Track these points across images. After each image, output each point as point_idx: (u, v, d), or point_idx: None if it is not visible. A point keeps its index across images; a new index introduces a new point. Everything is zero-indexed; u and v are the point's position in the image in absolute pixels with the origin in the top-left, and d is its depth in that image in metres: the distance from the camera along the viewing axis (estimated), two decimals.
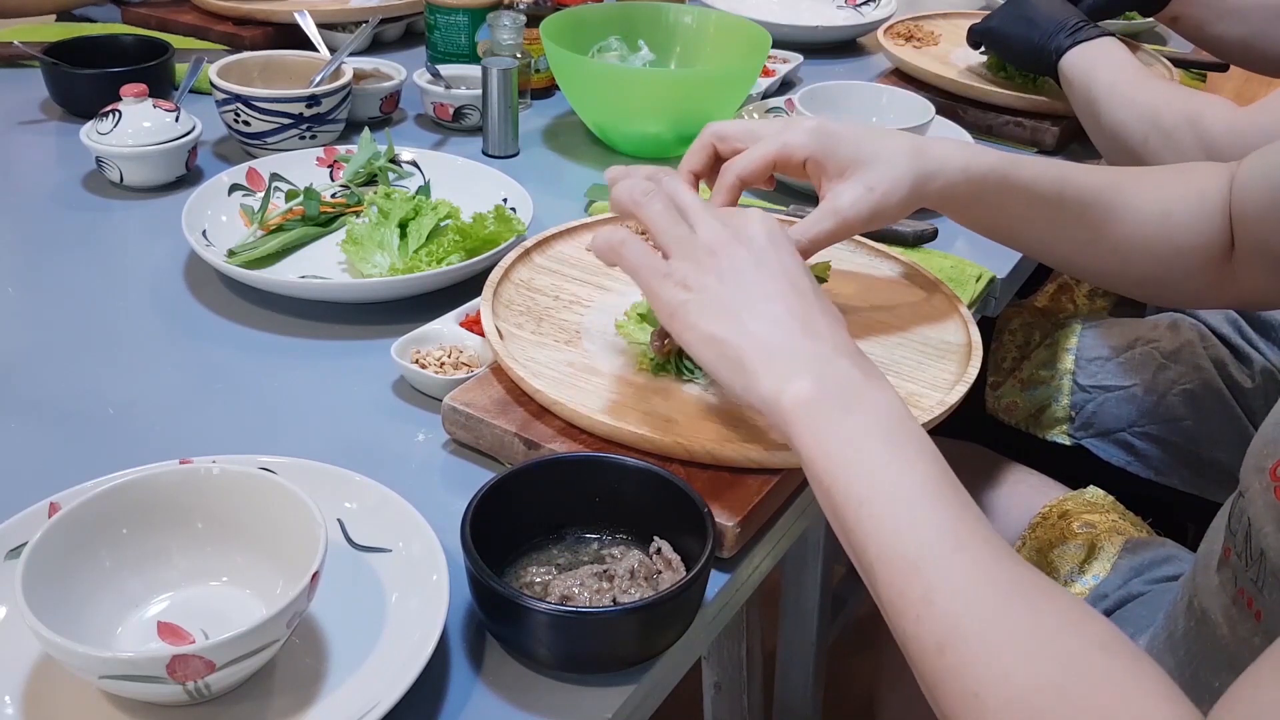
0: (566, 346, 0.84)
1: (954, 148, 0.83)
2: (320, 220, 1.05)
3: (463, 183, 1.11)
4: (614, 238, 0.72)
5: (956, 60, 1.53)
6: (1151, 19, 1.51)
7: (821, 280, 0.92)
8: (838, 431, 0.62)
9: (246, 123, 1.19)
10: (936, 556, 0.57)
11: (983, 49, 1.46)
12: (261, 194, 1.07)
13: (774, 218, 0.72)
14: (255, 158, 1.16)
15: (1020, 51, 1.33)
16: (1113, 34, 1.26)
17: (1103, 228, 0.87)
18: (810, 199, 1.15)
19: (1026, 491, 1.13)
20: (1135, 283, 0.93)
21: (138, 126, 1.11)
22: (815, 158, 0.81)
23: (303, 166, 1.13)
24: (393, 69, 1.36)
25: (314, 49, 1.35)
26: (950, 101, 1.40)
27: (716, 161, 0.86)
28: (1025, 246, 0.93)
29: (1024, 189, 0.84)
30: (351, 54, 1.33)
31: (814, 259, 0.95)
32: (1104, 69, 1.20)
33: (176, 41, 1.41)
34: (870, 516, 0.59)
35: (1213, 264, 0.88)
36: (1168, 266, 0.89)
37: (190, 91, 1.29)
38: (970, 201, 0.84)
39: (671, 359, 0.80)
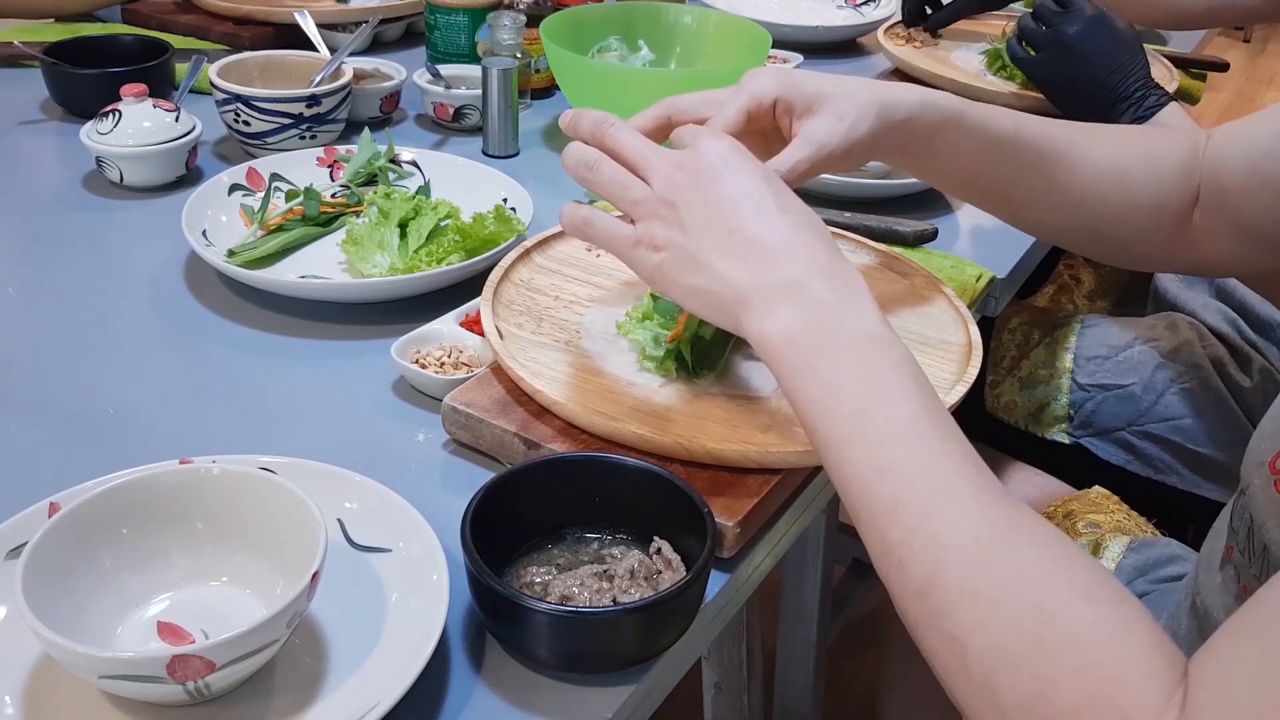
0: (566, 346, 0.84)
1: (908, 86, 0.84)
2: (320, 220, 1.05)
3: (463, 183, 1.11)
4: (579, 215, 0.72)
5: (956, 60, 1.53)
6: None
7: None
8: (815, 372, 0.62)
9: (246, 123, 1.19)
10: (915, 498, 0.56)
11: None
12: (261, 194, 1.07)
13: (727, 138, 0.71)
14: (255, 158, 1.16)
15: (1070, 114, 1.29)
16: (1170, 98, 1.23)
17: (1058, 178, 0.87)
18: (811, 199, 1.15)
19: (1030, 491, 1.13)
20: (1089, 237, 0.93)
21: (138, 126, 1.11)
22: (783, 97, 0.80)
23: (303, 166, 1.13)
24: (393, 69, 1.36)
25: (314, 49, 1.35)
26: None
27: (664, 131, 0.85)
28: (982, 195, 0.92)
29: (980, 127, 0.84)
30: (351, 54, 1.33)
31: None
32: None
33: (176, 41, 1.41)
34: (849, 459, 0.59)
35: (1166, 226, 0.89)
36: (1120, 224, 0.89)
37: (190, 91, 1.29)
38: (928, 137, 0.83)
39: (672, 359, 0.80)
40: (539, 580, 0.65)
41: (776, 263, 0.65)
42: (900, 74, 1.50)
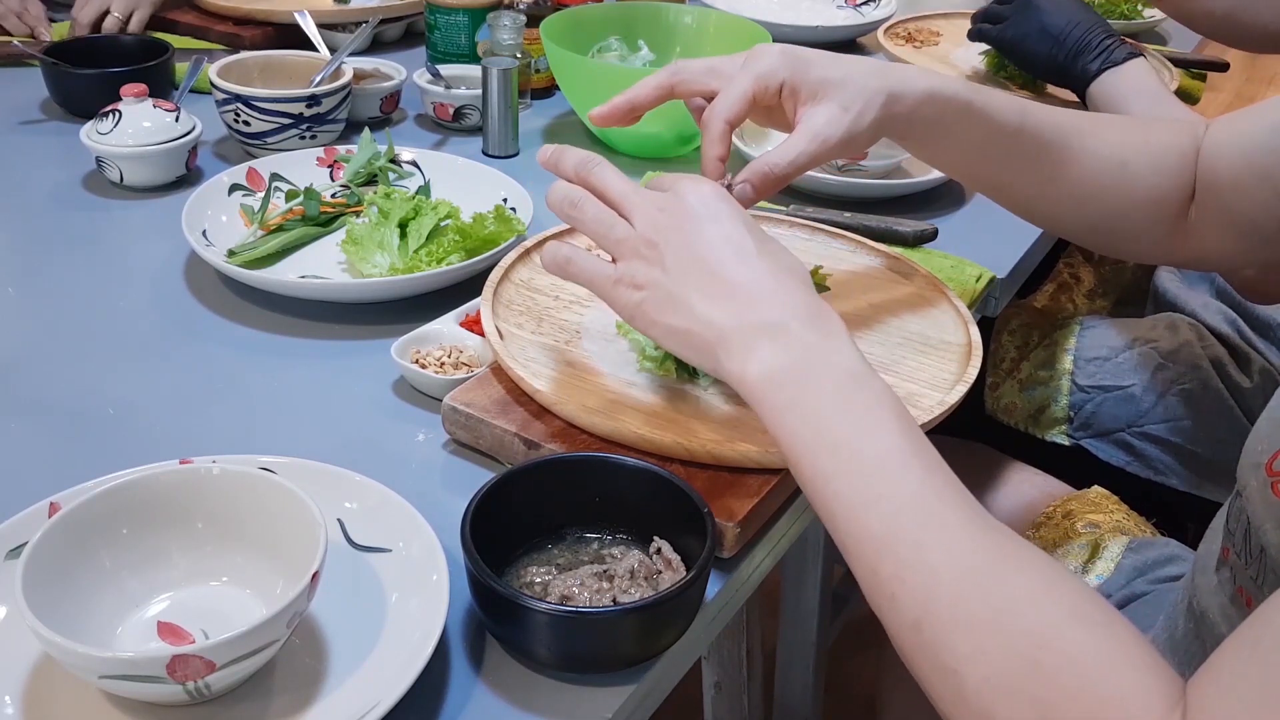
0: (566, 346, 0.84)
1: (917, 71, 0.83)
2: (320, 220, 1.05)
3: (463, 183, 1.11)
4: (559, 254, 0.73)
5: (957, 60, 1.53)
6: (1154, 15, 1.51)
7: (820, 288, 0.92)
8: (798, 408, 0.62)
9: (246, 123, 1.19)
10: (904, 531, 0.57)
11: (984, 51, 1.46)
12: (261, 194, 1.07)
13: (709, 182, 0.72)
14: (255, 158, 1.16)
15: (1043, 69, 1.33)
16: (1140, 53, 1.26)
17: (1061, 169, 0.87)
18: (811, 199, 1.15)
19: (1030, 491, 1.13)
20: (1089, 230, 0.93)
21: (138, 126, 1.11)
22: (790, 82, 0.79)
23: (303, 166, 1.13)
24: (393, 69, 1.36)
25: (314, 49, 1.35)
26: None
27: (666, 99, 0.85)
28: (985, 184, 0.92)
29: (986, 118, 0.83)
30: (351, 54, 1.33)
31: (807, 266, 0.95)
32: (1136, 99, 1.20)
33: (176, 41, 1.41)
34: (836, 493, 0.60)
35: (1167, 219, 0.89)
36: (1121, 216, 0.90)
37: (190, 91, 1.29)
38: (934, 126, 0.83)
39: (672, 359, 0.80)
40: (539, 580, 0.65)
41: (756, 305, 0.66)
42: None
